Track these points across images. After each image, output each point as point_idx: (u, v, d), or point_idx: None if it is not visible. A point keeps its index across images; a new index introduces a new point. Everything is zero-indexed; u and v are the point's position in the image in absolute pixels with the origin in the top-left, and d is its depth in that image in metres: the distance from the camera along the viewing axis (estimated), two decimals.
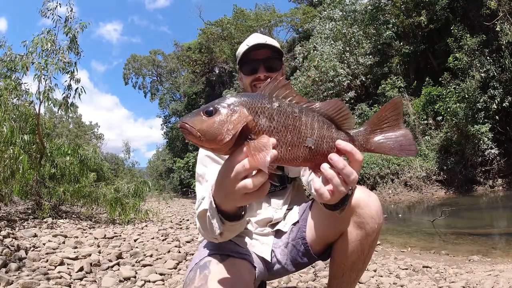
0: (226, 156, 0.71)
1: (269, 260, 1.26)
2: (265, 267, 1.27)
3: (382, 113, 0.77)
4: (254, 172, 0.68)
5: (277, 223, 1.35)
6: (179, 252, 3.40)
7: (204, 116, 0.67)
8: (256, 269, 1.17)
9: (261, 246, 1.27)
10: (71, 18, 5.87)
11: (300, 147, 0.71)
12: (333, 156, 0.73)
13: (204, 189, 1.21)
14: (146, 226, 5.70)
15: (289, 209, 1.38)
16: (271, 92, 0.72)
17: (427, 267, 3.17)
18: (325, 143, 0.73)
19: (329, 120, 0.76)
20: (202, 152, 1.31)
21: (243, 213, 0.85)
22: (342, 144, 0.74)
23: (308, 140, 0.71)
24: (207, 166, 1.27)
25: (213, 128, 0.65)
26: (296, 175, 1.42)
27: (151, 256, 3.21)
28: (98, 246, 3.57)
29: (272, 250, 1.29)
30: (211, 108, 0.67)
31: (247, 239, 1.28)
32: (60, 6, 5.91)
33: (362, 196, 1.11)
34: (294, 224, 1.32)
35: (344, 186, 0.73)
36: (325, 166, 0.73)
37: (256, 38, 1.40)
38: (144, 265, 2.87)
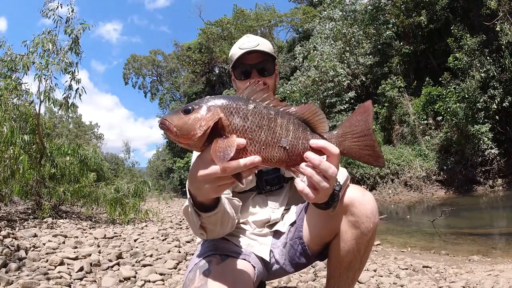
0: None
1: (268, 260, 1.26)
2: (264, 267, 1.27)
3: (353, 117, 0.79)
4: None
5: (275, 223, 1.35)
6: (179, 252, 3.40)
7: (182, 114, 0.72)
8: (256, 269, 1.17)
9: (260, 247, 1.27)
10: (72, 19, 5.88)
11: (275, 147, 0.73)
12: (308, 154, 0.75)
13: None
14: (146, 226, 5.70)
15: (286, 209, 1.38)
16: (249, 95, 0.75)
17: (427, 267, 3.17)
18: (300, 144, 0.75)
19: (304, 123, 0.78)
20: None
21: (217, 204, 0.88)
22: (316, 141, 0.76)
23: (283, 140, 0.73)
24: None
25: (188, 124, 0.70)
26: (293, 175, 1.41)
27: (151, 256, 3.21)
28: (98, 246, 3.57)
29: (271, 251, 1.29)
30: (190, 107, 0.72)
31: (245, 240, 1.28)
32: (61, 7, 5.92)
33: (357, 195, 1.10)
34: (292, 224, 1.32)
35: (325, 182, 0.75)
36: (302, 165, 0.76)
37: (248, 41, 1.39)
38: (144, 265, 2.87)
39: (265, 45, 1.38)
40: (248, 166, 0.69)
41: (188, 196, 0.89)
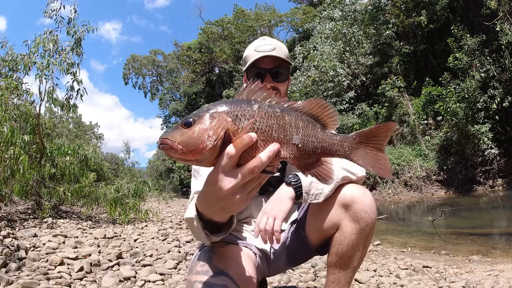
0: None
1: (268, 252, 1.32)
2: (265, 260, 1.33)
3: (375, 130, 0.77)
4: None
5: None
6: (179, 252, 3.40)
7: (183, 128, 0.65)
8: (257, 256, 1.25)
9: (261, 241, 1.30)
10: (74, 20, 5.89)
11: (289, 145, 0.70)
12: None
13: (199, 184, 1.27)
14: (146, 226, 5.70)
15: None
16: (248, 96, 0.71)
17: (427, 267, 3.17)
18: (310, 142, 0.72)
19: (313, 119, 0.74)
20: None
21: (230, 223, 0.86)
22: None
23: (295, 137, 0.70)
24: None
25: (194, 138, 0.63)
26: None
27: (151, 256, 3.21)
28: (98, 246, 3.57)
29: (271, 246, 1.35)
30: (190, 119, 0.66)
31: (247, 234, 1.34)
32: (64, 8, 5.93)
33: (357, 193, 1.18)
34: (293, 222, 1.38)
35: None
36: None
37: (264, 44, 1.37)
38: (144, 265, 2.87)
39: (281, 50, 1.38)
40: (272, 156, 0.66)
41: (197, 217, 0.84)
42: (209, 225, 0.83)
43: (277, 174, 0.71)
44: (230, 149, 0.64)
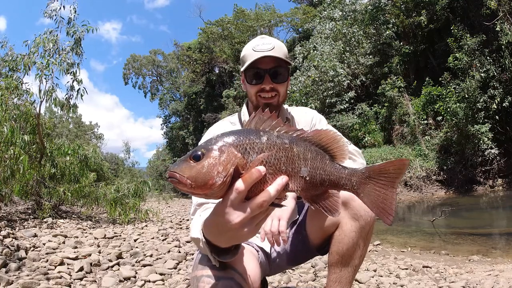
0: None
1: (269, 251, 1.33)
2: (266, 258, 1.33)
3: (386, 166, 0.74)
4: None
5: None
6: (179, 252, 3.40)
7: (192, 162, 0.64)
8: (259, 253, 1.26)
9: (265, 241, 1.31)
10: (74, 20, 5.89)
11: (297, 177, 0.69)
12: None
13: None
14: (146, 226, 5.70)
15: None
16: (257, 126, 0.70)
17: (427, 267, 3.17)
18: (318, 175, 0.71)
19: (322, 150, 0.73)
20: None
21: (238, 246, 0.85)
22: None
23: (303, 170, 0.69)
24: None
25: (203, 173, 0.63)
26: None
27: (151, 256, 3.21)
28: (98, 246, 3.57)
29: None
30: (199, 153, 0.65)
31: None
32: (64, 8, 5.93)
33: None
34: (294, 222, 1.39)
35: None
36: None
37: (263, 43, 1.32)
38: (144, 265, 2.87)
39: (280, 49, 1.33)
40: (280, 190, 0.66)
41: (204, 242, 0.83)
42: (216, 249, 0.82)
43: (284, 206, 0.71)
44: (240, 185, 0.64)
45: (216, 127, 1.45)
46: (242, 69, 1.38)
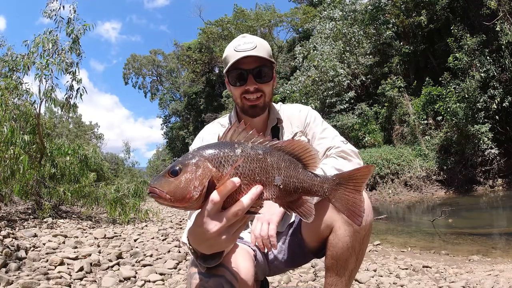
0: None
1: (266, 252, 1.32)
2: (265, 259, 1.33)
3: (354, 172, 0.79)
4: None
5: None
6: (179, 252, 3.40)
7: (170, 178, 0.68)
8: (257, 253, 1.26)
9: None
10: (73, 20, 5.88)
11: (271, 186, 0.72)
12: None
13: None
14: (146, 226, 5.70)
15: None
16: (232, 138, 0.74)
17: (427, 267, 3.17)
18: (291, 183, 0.74)
19: (295, 159, 0.76)
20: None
21: (222, 252, 0.89)
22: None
23: (277, 179, 0.73)
24: None
25: (181, 188, 0.67)
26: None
27: (151, 256, 3.21)
28: (98, 246, 3.57)
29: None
30: (177, 168, 0.68)
31: (245, 234, 1.34)
32: (64, 8, 5.93)
33: None
34: (290, 224, 1.38)
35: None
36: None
37: (244, 43, 1.27)
38: (144, 265, 2.87)
39: (262, 48, 1.27)
40: (255, 199, 0.70)
41: (190, 248, 0.89)
42: (203, 255, 0.87)
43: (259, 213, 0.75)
44: (215, 196, 0.68)
45: (207, 130, 1.45)
46: (224, 71, 1.33)
